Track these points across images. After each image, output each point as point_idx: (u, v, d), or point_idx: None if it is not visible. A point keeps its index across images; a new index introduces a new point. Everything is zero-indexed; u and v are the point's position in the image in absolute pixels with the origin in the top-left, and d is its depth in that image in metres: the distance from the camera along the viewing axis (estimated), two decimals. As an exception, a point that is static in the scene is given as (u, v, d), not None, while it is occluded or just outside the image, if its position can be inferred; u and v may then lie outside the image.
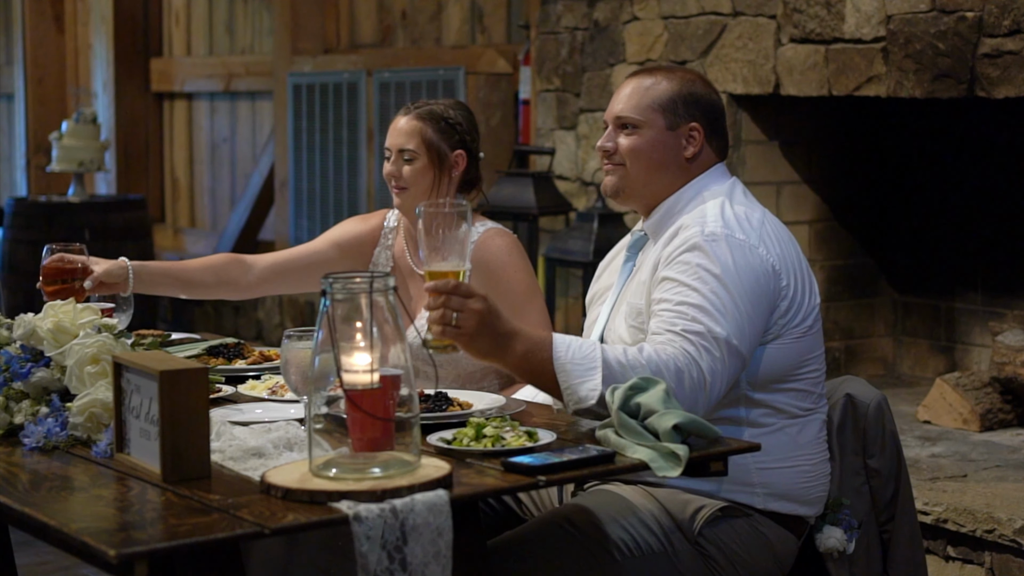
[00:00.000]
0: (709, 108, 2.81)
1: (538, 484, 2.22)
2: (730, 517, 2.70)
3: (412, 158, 3.26)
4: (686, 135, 2.77)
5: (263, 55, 7.82)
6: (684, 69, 2.91)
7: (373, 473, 2.13)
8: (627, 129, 2.79)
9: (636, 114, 2.78)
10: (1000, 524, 3.38)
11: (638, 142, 2.77)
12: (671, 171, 2.78)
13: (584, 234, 4.82)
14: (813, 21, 4.40)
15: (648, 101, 2.78)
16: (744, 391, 2.68)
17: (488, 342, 2.45)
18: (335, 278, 2.14)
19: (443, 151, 3.27)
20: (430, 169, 3.26)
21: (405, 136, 3.26)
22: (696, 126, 2.77)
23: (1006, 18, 3.87)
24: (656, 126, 2.77)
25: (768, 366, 2.68)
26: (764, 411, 2.71)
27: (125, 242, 7.33)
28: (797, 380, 2.72)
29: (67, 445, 2.46)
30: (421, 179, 3.26)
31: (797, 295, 2.70)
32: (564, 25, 5.33)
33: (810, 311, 2.72)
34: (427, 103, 3.31)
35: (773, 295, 2.66)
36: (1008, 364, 4.14)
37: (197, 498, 2.13)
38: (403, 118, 3.29)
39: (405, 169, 3.26)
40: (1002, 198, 4.66)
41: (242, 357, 3.18)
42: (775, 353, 2.68)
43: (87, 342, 2.53)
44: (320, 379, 2.17)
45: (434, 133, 3.26)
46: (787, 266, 2.69)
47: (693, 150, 2.77)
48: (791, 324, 2.69)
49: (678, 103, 2.77)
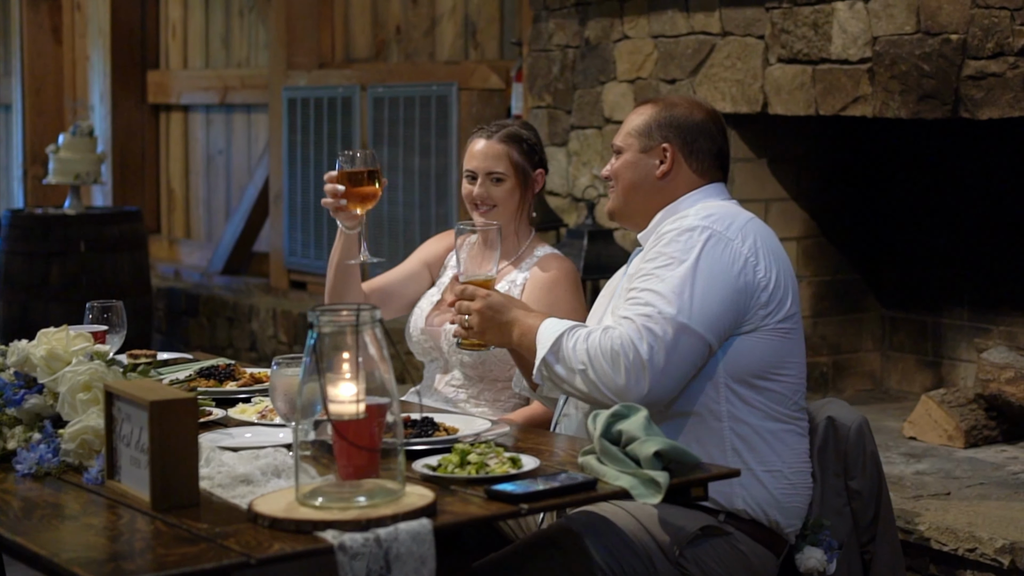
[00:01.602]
0: (687, 129, 2.95)
1: (520, 512, 2.27)
2: (710, 537, 2.76)
3: (502, 179, 3.37)
4: (659, 156, 2.94)
5: (259, 68, 7.87)
6: (681, 97, 3.07)
7: (358, 502, 2.18)
8: (616, 156, 3.01)
9: (620, 141, 3.01)
10: (981, 543, 3.42)
11: (617, 165, 3.00)
12: (645, 190, 2.96)
13: (574, 250, 4.86)
14: (800, 42, 4.45)
15: (629, 128, 3.00)
16: (722, 379, 2.78)
17: (495, 332, 2.89)
18: (322, 310, 2.19)
19: (527, 171, 3.40)
20: (517, 189, 3.39)
21: (493, 159, 3.37)
22: (667, 146, 2.94)
23: (989, 41, 3.92)
24: (632, 149, 2.98)
25: (746, 357, 2.79)
26: (743, 407, 2.79)
27: (121, 254, 7.37)
28: (774, 380, 2.82)
29: (59, 471, 2.50)
30: (510, 199, 3.38)
31: (779, 290, 2.81)
32: (555, 43, 5.38)
33: (791, 312, 2.83)
34: (502, 125, 3.43)
35: (747, 285, 2.77)
36: (993, 381, 4.18)
37: (185, 527, 2.17)
38: (485, 141, 3.39)
39: (495, 191, 3.37)
40: (988, 215, 4.71)
41: (233, 379, 3.22)
42: (753, 345, 2.79)
43: (79, 369, 2.58)
44: (307, 408, 2.22)
45: (519, 155, 3.38)
46: (767, 261, 2.81)
47: (664, 169, 2.94)
48: (771, 317, 2.80)
49: (652, 127, 2.96)
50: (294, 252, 7.39)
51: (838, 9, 4.32)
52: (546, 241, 3.63)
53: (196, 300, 7.88)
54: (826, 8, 4.36)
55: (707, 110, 3.00)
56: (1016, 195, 4.61)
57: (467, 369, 3.34)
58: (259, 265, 7.96)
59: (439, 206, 6.33)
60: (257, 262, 8.00)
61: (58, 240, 7.21)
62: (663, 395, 2.71)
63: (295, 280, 7.49)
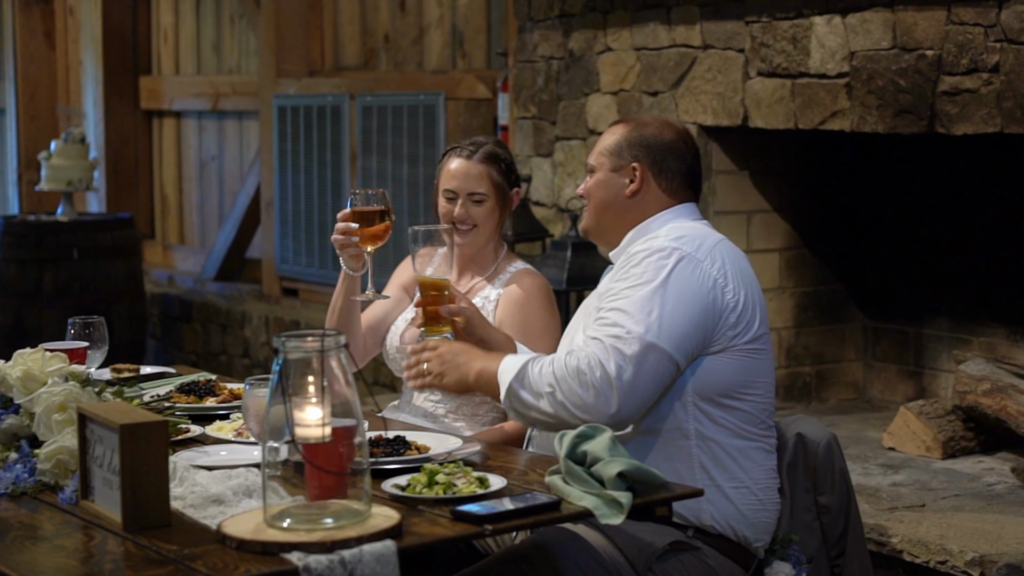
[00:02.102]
0: (657, 149, 3.00)
1: (484, 533, 2.31)
2: (678, 552, 2.81)
3: (482, 200, 3.40)
4: (629, 175, 2.99)
5: (250, 75, 7.91)
6: (653, 117, 3.12)
7: (325, 524, 2.22)
8: (589, 175, 3.06)
9: (592, 160, 3.06)
10: (952, 556, 3.46)
11: (589, 184, 3.05)
12: (615, 208, 3.01)
13: (558, 262, 4.90)
14: (780, 56, 4.49)
15: (601, 148, 3.05)
16: (691, 398, 2.82)
17: (453, 374, 2.93)
18: (287, 336, 2.23)
19: (506, 190, 3.43)
20: (497, 208, 3.42)
21: (475, 180, 3.39)
22: (637, 165, 2.98)
23: (964, 57, 3.96)
24: (603, 169, 3.02)
25: (714, 376, 2.83)
26: (711, 426, 2.84)
27: (114, 260, 7.42)
28: (742, 400, 2.86)
29: (35, 491, 2.54)
30: (490, 219, 3.41)
31: (747, 311, 2.85)
32: (540, 54, 5.42)
33: (759, 334, 2.87)
34: (479, 144, 3.44)
35: (716, 306, 2.82)
36: (970, 393, 4.22)
37: (155, 548, 2.21)
38: (464, 161, 3.41)
39: (476, 211, 3.40)
40: (967, 227, 4.75)
41: (213, 395, 3.26)
42: (722, 364, 2.83)
43: (55, 390, 2.62)
44: (275, 430, 2.26)
45: (499, 175, 3.41)
46: (736, 282, 2.86)
47: (634, 188, 2.99)
48: (739, 337, 2.84)
49: (623, 146, 3.01)
50: (285, 259, 7.43)
51: (816, 24, 4.36)
52: (520, 256, 3.66)
53: (190, 306, 7.93)
54: (804, 23, 4.40)
55: (678, 130, 3.05)
56: (994, 208, 4.65)
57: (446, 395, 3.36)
58: (252, 271, 8.00)
59: (426, 215, 6.37)
60: (250, 268, 8.04)
61: (51, 247, 7.26)
62: (631, 413, 2.75)
63: (287, 287, 7.53)
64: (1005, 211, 4.62)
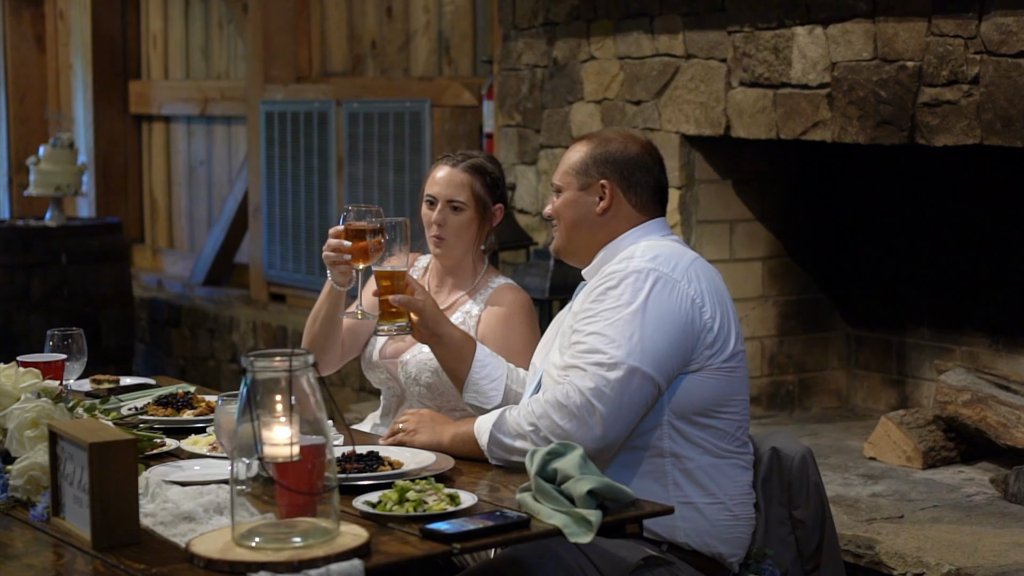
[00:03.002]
0: (623, 165, 2.98)
1: (453, 552, 2.32)
2: (652, 567, 2.80)
3: (461, 208, 3.39)
4: (598, 192, 2.97)
5: (238, 80, 7.91)
6: (615, 131, 3.09)
7: (293, 543, 2.22)
8: (556, 194, 3.04)
9: (558, 180, 3.04)
10: (929, 568, 3.47)
11: (558, 204, 3.03)
12: (586, 227, 3.00)
13: (540, 271, 4.91)
14: (762, 66, 4.50)
15: (566, 167, 3.03)
16: (666, 417, 2.83)
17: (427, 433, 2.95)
18: (256, 356, 2.23)
19: (487, 204, 3.42)
20: (475, 220, 3.41)
21: (456, 188, 3.39)
22: (605, 183, 2.97)
23: (944, 68, 3.96)
24: (571, 188, 3.00)
25: (690, 396, 2.83)
26: (685, 444, 2.84)
27: (103, 265, 7.43)
28: (718, 418, 2.87)
29: (7, 507, 2.55)
30: (467, 229, 3.40)
31: (723, 330, 2.86)
32: (525, 62, 5.43)
33: (735, 352, 2.88)
34: (467, 155, 3.45)
35: (694, 326, 2.82)
36: (950, 403, 4.23)
37: (124, 567, 2.22)
38: (449, 168, 3.42)
39: (452, 219, 3.39)
40: (949, 237, 4.76)
41: (190, 407, 3.26)
42: (698, 384, 2.84)
43: (27, 407, 2.63)
44: (245, 448, 2.26)
45: (481, 187, 3.41)
46: (712, 302, 2.86)
47: (604, 205, 2.97)
48: (715, 357, 2.85)
49: (589, 164, 2.99)
50: (273, 265, 7.43)
51: (798, 34, 4.37)
52: (502, 268, 3.67)
53: (178, 311, 7.94)
54: (786, 33, 4.41)
55: (642, 143, 3.04)
56: (975, 218, 4.67)
57: (424, 400, 3.38)
58: (240, 276, 8.01)
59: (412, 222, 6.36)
60: (238, 273, 8.05)
61: (39, 252, 7.27)
62: (617, 438, 2.76)
63: (274, 292, 7.54)
64: (986, 221, 4.64)
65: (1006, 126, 3.83)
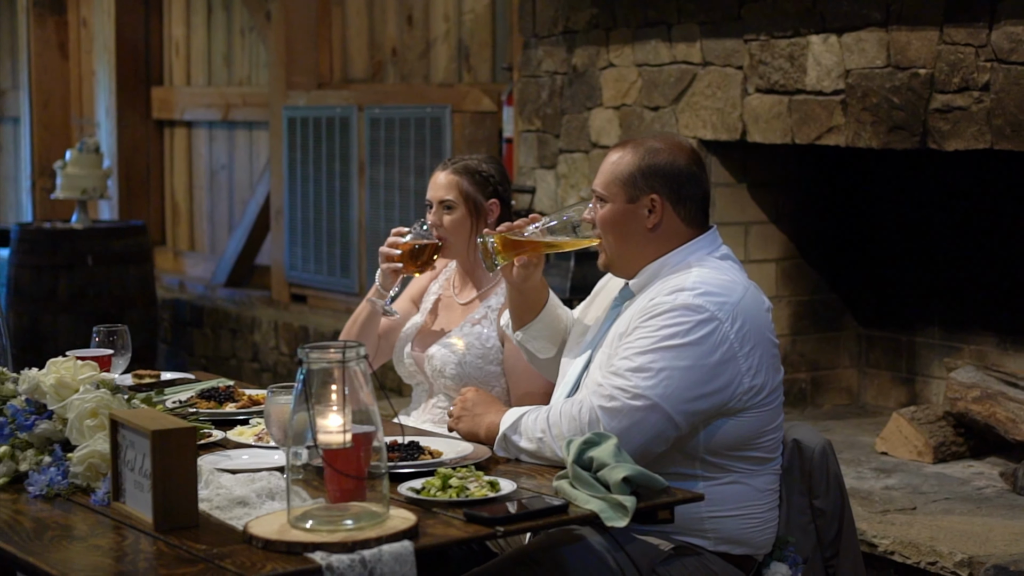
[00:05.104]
0: (672, 177, 2.92)
1: (496, 534, 2.44)
2: (682, 556, 2.91)
3: (451, 207, 3.58)
4: (647, 206, 2.92)
5: (260, 87, 8.04)
6: (658, 138, 3.01)
7: (345, 525, 2.35)
8: (600, 203, 2.98)
9: (603, 189, 2.97)
10: (942, 557, 3.60)
11: (605, 215, 2.96)
12: (636, 242, 2.93)
13: (561, 271, 5.03)
14: (777, 73, 4.62)
15: (611, 177, 2.95)
16: (700, 454, 2.87)
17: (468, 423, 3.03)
18: (311, 348, 2.37)
19: (479, 201, 3.58)
20: (467, 217, 3.58)
21: (444, 188, 3.59)
22: (656, 197, 2.91)
23: (955, 75, 4.09)
24: (618, 200, 2.93)
25: (727, 436, 2.86)
26: (717, 472, 2.90)
27: (127, 266, 7.56)
28: (754, 449, 2.91)
29: (68, 493, 2.66)
30: (460, 227, 3.58)
31: (761, 371, 2.84)
32: (544, 69, 5.56)
33: (774, 388, 2.89)
34: (462, 159, 3.65)
35: (732, 374, 2.81)
36: (960, 400, 4.35)
37: (186, 548, 2.34)
38: (441, 173, 3.62)
39: (445, 218, 3.58)
40: (957, 239, 4.88)
41: (232, 400, 3.38)
42: (736, 423, 2.86)
43: (86, 397, 2.75)
44: (298, 436, 2.39)
45: (470, 185, 3.58)
46: (752, 344, 2.83)
47: (655, 220, 2.91)
48: (754, 397, 2.85)
49: (637, 176, 2.91)
50: (294, 266, 7.57)
51: (813, 42, 4.50)
52: None
53: (200, 312, 8.06)
54: (801, 41, 4.53)
55: (688, 151, 2.98)
56: (984, 221, 4.78)
57: (450, 392, 3.52)
58: (261, 278, 8.13)
59: (434, 224, 6.50)
60: (259, 275, 8.18)
61: (66, 254, 7.40)
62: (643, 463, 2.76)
63: (295, 293, 7.67)
64: (994, 224, 4.75)
65: (1015, 131, 3.95)
